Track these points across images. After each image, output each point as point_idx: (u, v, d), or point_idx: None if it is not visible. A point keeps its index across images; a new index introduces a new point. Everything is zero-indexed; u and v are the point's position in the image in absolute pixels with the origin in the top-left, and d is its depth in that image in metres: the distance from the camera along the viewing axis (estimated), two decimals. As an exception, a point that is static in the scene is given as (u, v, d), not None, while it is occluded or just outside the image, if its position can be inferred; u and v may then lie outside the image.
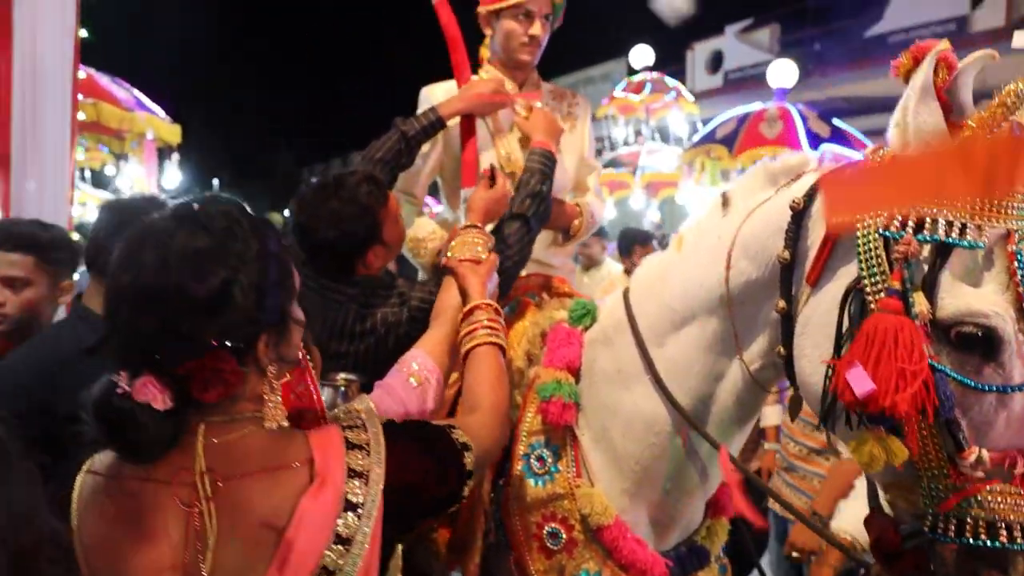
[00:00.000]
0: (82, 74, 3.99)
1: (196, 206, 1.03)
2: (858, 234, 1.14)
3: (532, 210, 1.92)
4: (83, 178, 5.92)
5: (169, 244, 0.96)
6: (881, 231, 1.11)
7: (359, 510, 1.00)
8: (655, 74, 7.44)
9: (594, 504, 1.57)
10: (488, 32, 2.24)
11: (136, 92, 4.55)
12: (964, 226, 1.05)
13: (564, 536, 1.59)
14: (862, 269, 1.13)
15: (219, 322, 0.95)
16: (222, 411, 1.00)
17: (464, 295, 1.57)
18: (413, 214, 2.29)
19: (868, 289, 1.12)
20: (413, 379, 1.43)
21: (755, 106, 5.26)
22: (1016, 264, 1.05)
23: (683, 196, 6.36)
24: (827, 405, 1.16)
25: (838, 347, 1.17)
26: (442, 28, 2.19)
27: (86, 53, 3.05)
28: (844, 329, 1.16)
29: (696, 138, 5.58)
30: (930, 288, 1.08)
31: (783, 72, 5.37)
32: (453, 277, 1.63)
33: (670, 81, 7.30)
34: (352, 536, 0.99)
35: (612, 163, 7.01)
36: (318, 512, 0.97)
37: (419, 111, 2.17)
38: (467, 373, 1.44)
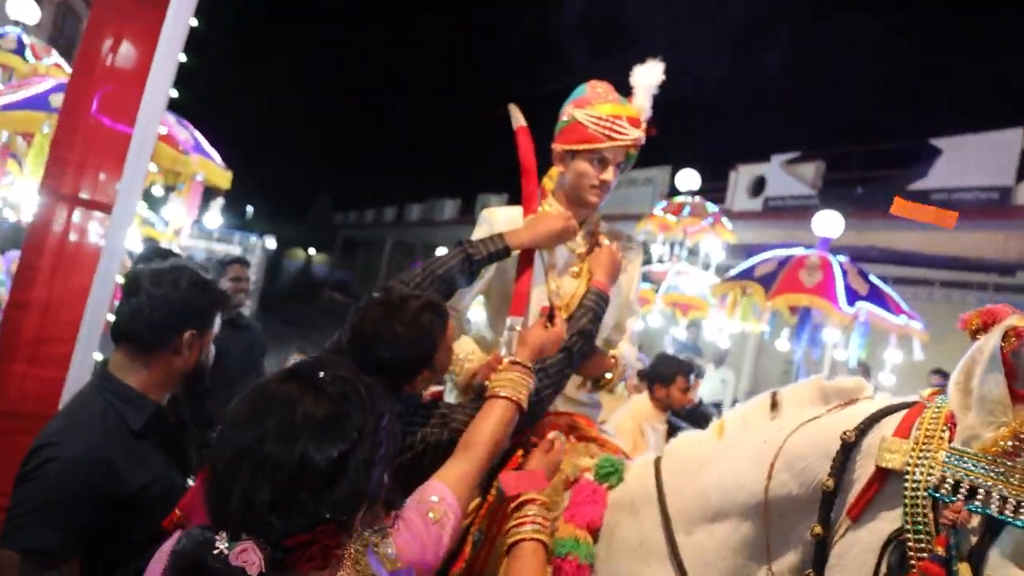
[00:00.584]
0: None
1: (318, 370, 1.03)
2: (906, 485, 1.14)
3: (577, 346, 1.95)
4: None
5: (293, 411, 0.95)
6: (931, 491, 1.10)
7: None
8: (697, 198, 7.55)
9: None
10: (560, 168, 2.26)
11: (197, 134, 4.67)
12: (1020, 504, 1.03)
13: None
14: (907, 522, 1.12)
15: (333, 496, 0.95)
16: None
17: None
18: (456, 328, 2.28)
19: (911, 545, 1.10)
20: (432, 513, 1.42)
21: (797, 251, 5.27)
22: None
23: (711, 325, 6.34)
24: None
25: None
26: (519, 156, 2.23)
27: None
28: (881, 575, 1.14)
29: (734, 272, 5.57)
30: (977, 562, 1.05)
31: (829, 222, 5.41)
32: (491, 411, 1.65)
33: (710, 207, 7.41)
34: None
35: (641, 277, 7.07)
36: None
37: (479, 231, 2.22)
38: (510, 564, 1.46)
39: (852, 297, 4.85)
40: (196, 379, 1.78)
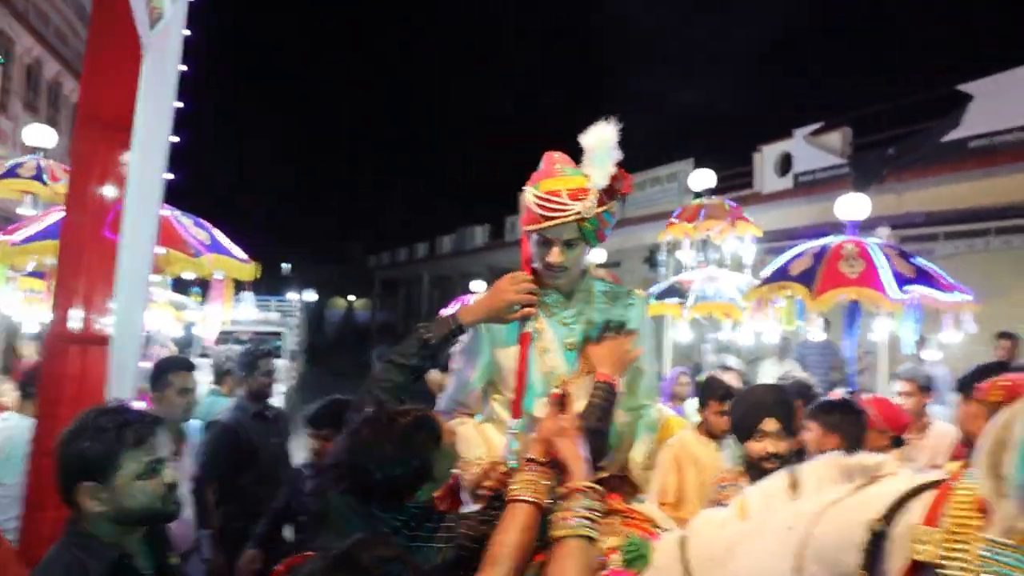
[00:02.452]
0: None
1: (363, 553, 1.06)
2: None
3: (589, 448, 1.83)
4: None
5: None
6: None
7: None
8: (713, 197, 7.15)
9: None
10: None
11: (215, 232, 4.68)
12: None
13: None
14: None
15: None
16: None
17: (565, 468, 1.59)
18: (467, 424, 2.16)
19: None
20: None
21: (828, 240, 5.00)
22: None
23: (746, 331, 6.05)
24: None
25: None
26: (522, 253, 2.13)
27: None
28: None
29: (766, 273, 5.32)
30: None
31: (853, 205, 5.14)
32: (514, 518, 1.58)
33: (727, 204, 7.01)
34: None
35: (671, 290, 6.74)
36: None
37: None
38: (553, 564, 1.44)
39: (901, 281, 4.57)
40: (147, 519, 1.75)
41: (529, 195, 2.01)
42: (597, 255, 9.32)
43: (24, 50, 14.35)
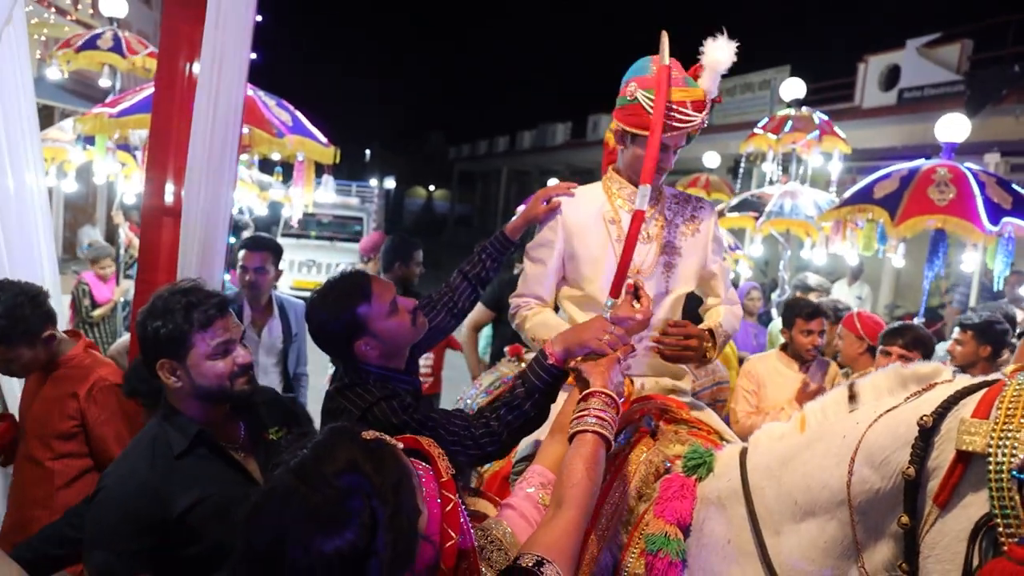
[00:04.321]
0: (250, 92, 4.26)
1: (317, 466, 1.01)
2: (989, 467, 1.12)
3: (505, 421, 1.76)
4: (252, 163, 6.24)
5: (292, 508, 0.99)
6: (1016, 472, 1.09)
7: None
8: (804, 109, 6.71)
9: None
10: (620, 146, 2.19)
11: (297, 114, 4.79)
12: None
13: None
14: (993, 507, 1.11)
15: None
16: None
17: (586, 380, 1.61)
18: (545, 310, 2.27)
19: (1001, 530, 1.10)
20: (542, 499, 1.51)
21: (920, 163, 4.72)
22: None
23: (820, 251, 5.85)
24: None
25: None
26: (654, 101, 2.04)
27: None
28: (974, 566, 1.14)
29: (849, 193, 5.09)
30: None
31: (954, 126, 4.79)
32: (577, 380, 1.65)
33: (818, 117, 6.61)
34: None
35: (746, 203, 6.54)
36: None
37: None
38: (568, 453, 1.48)
39: (994, 213, 4.31)
40: (227, 398, 1.78)
41: (644, 99, 2.03)
42: (710, 159, 9.12)
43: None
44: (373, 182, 21.92)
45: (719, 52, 2.04)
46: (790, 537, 1.49)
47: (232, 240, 3.01)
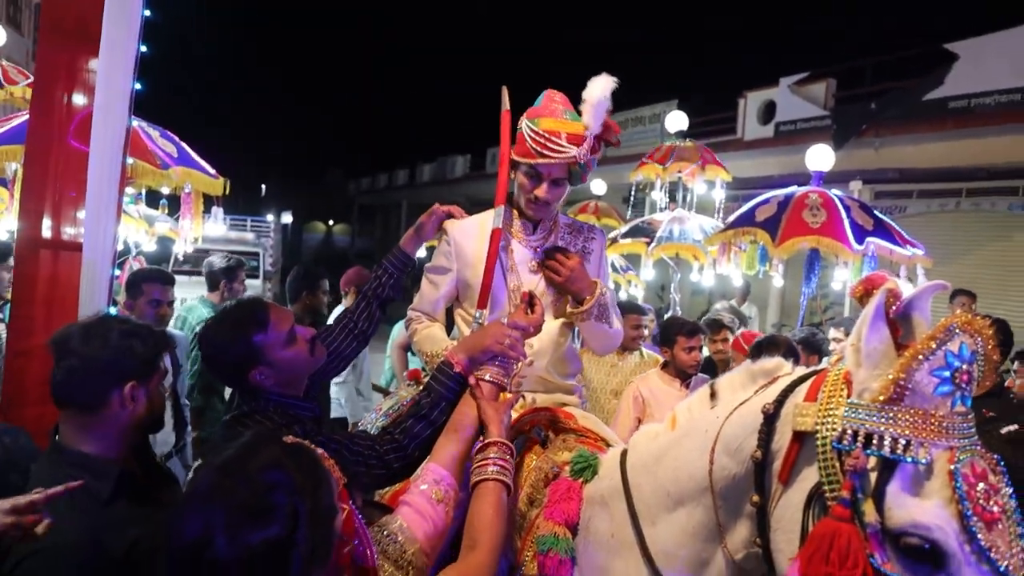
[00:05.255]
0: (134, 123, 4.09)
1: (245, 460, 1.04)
2: (817, 442, 1.28)
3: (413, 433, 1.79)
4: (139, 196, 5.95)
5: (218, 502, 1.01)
6: (835, 443, 1.24)
7: None
8: (688, 141, 7.18)
9: None
10: (514, 174, 2.27)
11: (183, 145, 4.65)
12: (908, 443, 1.17)
13: None
14: (821, 476, 1.26)
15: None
16: None
17: (484, 426, 1.69)
18: (434, 325, 2.38)
19: (827, 495, 1.24)
20: (435, 495, 1.57)
21: (794, 190, 5.11)
22: (953, 482, 1.14)
23: (707, 273, 6.17)
24: None
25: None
26: (500, 142, 2.23)
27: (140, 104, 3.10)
28: (809, 529, 1.27)
29: (732, 218, 5.43)
30: (879, 499, 1.18)
31: (820, 155, 5.25)
32: (473, 400, 1.73)
33: (700, 147, 7.05)
34: None
35: (638, 229, 6.82)
36: None
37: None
38: (473, 503, 1.57)
39: (860, 234, 4.71)
40: (151, 426, 1.81)
41: (526, 128, 2.16)
42: (598, 187, 9.48)
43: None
44: (269, 217, 21.36)
45: (594, 87, 2.15)
46: (664, 526, 1.61)
47: (116, 272, 2.89)
